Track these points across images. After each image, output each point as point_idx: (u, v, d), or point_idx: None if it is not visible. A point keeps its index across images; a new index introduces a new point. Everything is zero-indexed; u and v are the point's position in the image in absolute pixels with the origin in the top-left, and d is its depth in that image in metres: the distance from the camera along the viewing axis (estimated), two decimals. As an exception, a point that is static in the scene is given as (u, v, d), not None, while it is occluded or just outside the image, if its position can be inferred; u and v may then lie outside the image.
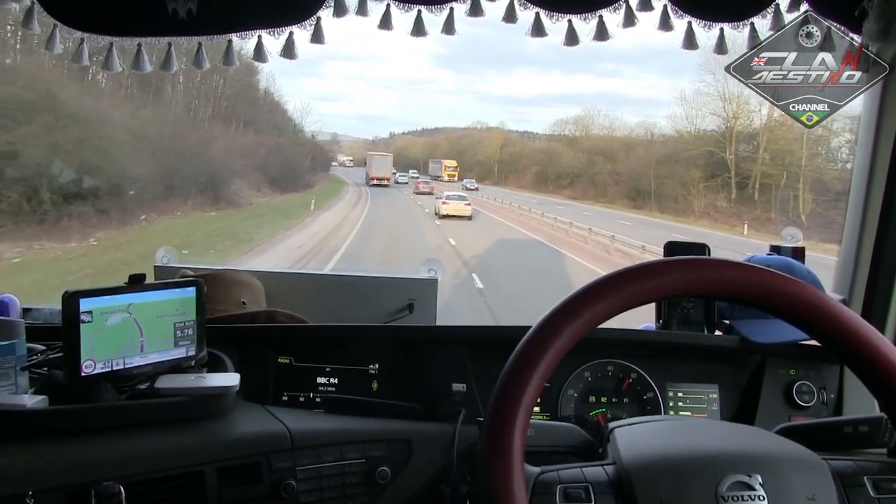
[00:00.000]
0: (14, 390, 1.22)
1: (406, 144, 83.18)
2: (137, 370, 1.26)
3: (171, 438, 1.18)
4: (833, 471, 0.87)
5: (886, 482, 0.88)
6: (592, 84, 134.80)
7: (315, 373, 1.51)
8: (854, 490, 0.86)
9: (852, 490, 0.86)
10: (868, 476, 0.88)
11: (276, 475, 1.21)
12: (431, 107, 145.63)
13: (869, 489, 0.87)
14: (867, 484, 0.87)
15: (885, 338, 0.87)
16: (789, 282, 0.87)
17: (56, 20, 1.48)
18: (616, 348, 1.56)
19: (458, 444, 1.28)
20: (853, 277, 1.65)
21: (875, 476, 0.88)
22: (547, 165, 51.09)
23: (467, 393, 1.38)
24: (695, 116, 34.78)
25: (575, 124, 55.64)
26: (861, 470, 0.89)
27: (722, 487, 0.83)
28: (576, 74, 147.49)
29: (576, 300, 0.85)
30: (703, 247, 1.71)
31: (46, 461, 1.09)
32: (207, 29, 1.49)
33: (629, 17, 1.53)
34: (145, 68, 1.56)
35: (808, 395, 1.54)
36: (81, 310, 1.17)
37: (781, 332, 1.40)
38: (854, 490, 0.86)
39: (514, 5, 1.52)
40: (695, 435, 0.97)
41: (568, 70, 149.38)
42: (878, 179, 1.58)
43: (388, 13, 1.52)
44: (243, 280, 1.77)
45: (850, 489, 0.86)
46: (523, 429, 0.83)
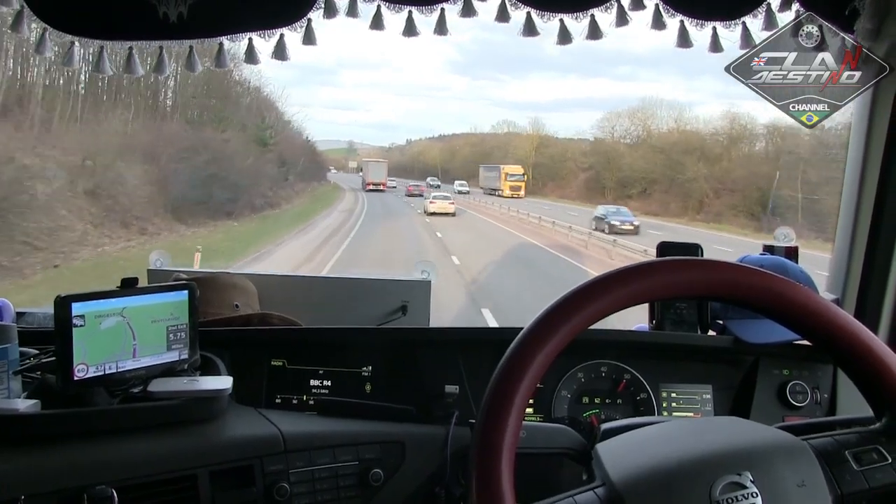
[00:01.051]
0: (7, 394, 1.22)
1: (422, 149, 77.47)
2: (130, 374, 1.25)
3: (164, 442, 1.18)
4: (815, 451, 0.87)
5: (866, 453, 0.88)
6: (610, 88, 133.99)
7: (308, 375, 1.51)
8: (838, 468, 0.87)
9: (837, 469, 0.87)
10: (849, 451, 0.88)
11: (269, 478, 1.21)
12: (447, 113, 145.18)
13: (851, 463, 0.87)
14: (849, 458, 0.87)
15: (878, 338, 0.87)
16: (781, 282, 0.87)
17: (46, 24, 1.48)
18: (609, 349, 1.56)
19: (452, 446, 1.28)
20: (846, 277, 1.65)
21: (854, 449, 0.88)
22: (603, 169, 41.51)
23: (460, 395, 1.38)
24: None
25: (630, 118, 45.85)
26: (840, 445, 0.89)
27: (715, 492, 0.83)
28: (593, 78, 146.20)
29: (568, 301, 0.85)
30: (696, 247, 1.72)
31: (39, 465, 1.09)
32: (198, 32, 1.48)
33: (621, 16, 1.53)
34: (137, 72, 1.56)
35: (802, 395, 1.55)
36: (74, 314, 1.17)
37: (775, 332, 1.40)
38: (838, 468, 0.87)
39: (506, 5, 1.52)
40: (680, 438, 0.96)
41: (585, 74, 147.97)
42: (870, 179, 1.58)
43: (378, 14, 1.52)
44: (236, 283, 1.77)
45: (835, 468, 0.86)
46: (515, 430, 0.83)
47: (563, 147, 51.56)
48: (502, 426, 0.82)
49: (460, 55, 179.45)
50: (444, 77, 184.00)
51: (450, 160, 62.33)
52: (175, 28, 1.45)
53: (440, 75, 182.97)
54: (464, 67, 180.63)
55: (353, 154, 67.73)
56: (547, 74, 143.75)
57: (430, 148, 76.90)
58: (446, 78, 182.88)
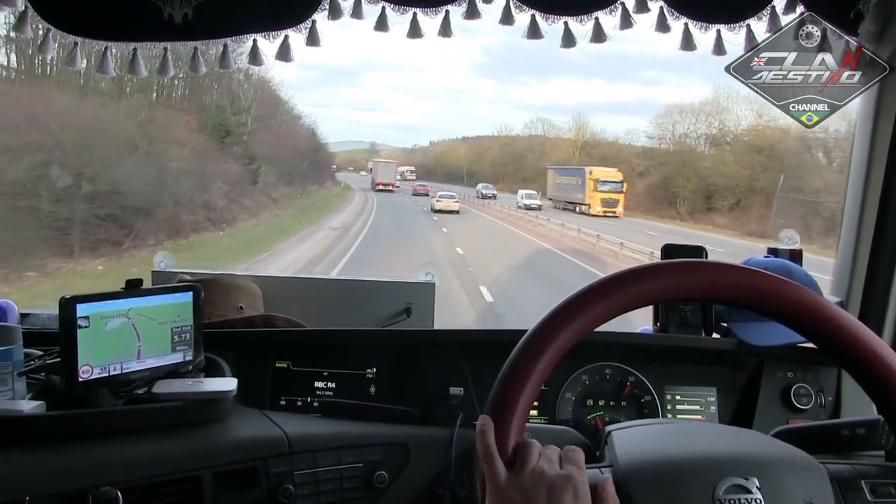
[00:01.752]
0: (11, 396, 1.22)
1: (445, 150, 71.77)
2: (135, 375, 1.25)
3: (169, 443, 1.18)
4: (830, 475, 0.87)
5: (884, 486, 0.88)
6: (636, 92, 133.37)
7: (313, 377, 1.51)
8: (851, 494, 0.86)
9: (849, 494, 0.86)
10: (865, 480, 0.88)
11: (273, 480, 1.21)
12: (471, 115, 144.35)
13: (866, 493, 0.87)
14: (864, 488, 0.87)
15: (883, 341, 0.87)
16: (786, 285, 0.87)
17: (50, 24, 1.48)
18: (614, 351, 1.56)
19: (456, 448, 1.28)
20: (850, 280, 1.65)
21: (872, 480, 0.88)
22: (674, 175, 32.38)
23: (465, 396, 1.38)
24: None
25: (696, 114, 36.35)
26: (858, 474, 0.89)
27: (719, 490, 0.83)
28: (618, 83, 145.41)
29: (572, 303, 0.85)
30: (700, 249, 1.71)
31: (44, 467, 1.09)
32: (203, 33, 1.49)
33: (626, 18, 1.53)
34: (141, 73, 1.56)
35: (806, 398, 1.54)
36: (78, 315, 1.17)
37: (779, 334, 1.40)
38: (851, 494, 0.86)
39: (511, 7, 1.52)
40: (692, 438, 0.97)
41: (610, 78, 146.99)
42: (875, 181, 1.58)
43: (383, 15, 1.52)
44: (241, 284, 1.77)
45: (848, 493, 0.86)
46: (519, 431, 0.83)
47: (617, 148, 43.10)
48: (507, 427, 0.82)
49: (485, 57, 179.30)
50: (468, 79, 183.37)
51: (476, 161, 57.40)
52: (180, 29, 1.45)
53: (464, 77, 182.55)
54: (488, 70, 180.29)
55: (374, 154, 67.21)
56: (571, 77, 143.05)
57: (454, 149, 71.65)
58: (471, 80, 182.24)
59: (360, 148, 69.44)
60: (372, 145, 76.99)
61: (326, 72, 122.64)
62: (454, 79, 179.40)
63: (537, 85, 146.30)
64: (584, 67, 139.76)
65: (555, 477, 0.78)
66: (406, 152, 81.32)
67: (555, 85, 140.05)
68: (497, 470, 0.80)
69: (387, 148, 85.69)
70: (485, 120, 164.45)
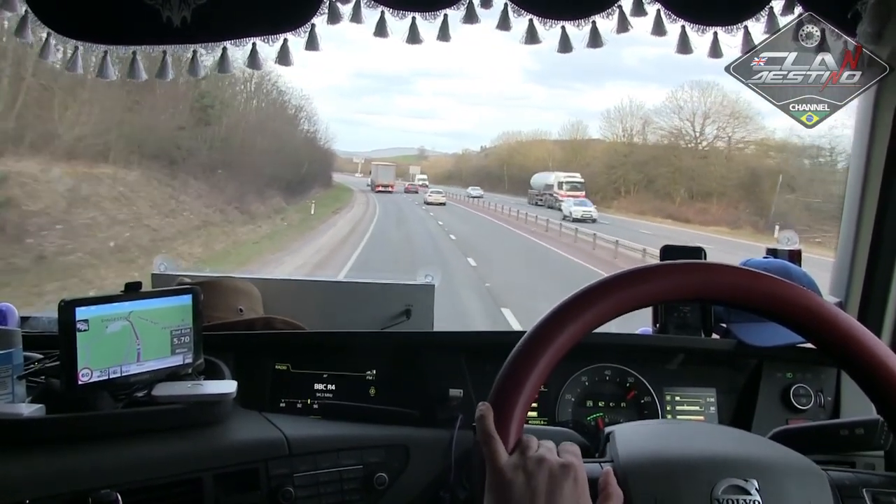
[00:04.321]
0: (11, 399, 1.22)
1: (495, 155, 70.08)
2: (134, 378, 1.26)
3: (169, 446, 1.18)
4: (832, 481, 0.87)
5: (886, 496, 0.87)
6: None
7: (312, 379, 1.51)
8: (852, 501, 0.86)
9: (850, 501, 0.86)
10: (867, 489, 0.88)
11: (273, 482, 1.21)
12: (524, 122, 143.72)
13: (867, 502, 0.86)
14: (866, 497, 0.87)
15: (881, 341, 0.87)
16: (785, 286, 0.87)
17: (50, 29, 1.48)
18: (613, 352, 1.56)
19: (456, 450, 1.28)
20: (849, 280, 1.65)
21: (874, 489, 0.88)
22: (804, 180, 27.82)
23: (464, 398, 1.38)
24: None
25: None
26: (861, 482, 0.89)
27: (717, 490, 0.84)
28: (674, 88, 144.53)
29: (572, 304, 0.85)
30: (699, 250, 1.71)
31: (44, 469, 1.09)
32: (202, 37, 1.49)
33: (622, 22, 1.54)
34: (140, 76, 1.57)
35: (806, 398, 1.54)
36: (78, 318, 1.17)
37: (778, 335, 1.40)
38: (852, 501, 0.86)
39: (508, 12, 1.52)
40: (693, 438, 0.97)
41: (665, 83, 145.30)
42: (874, 181, 1.58)
43: (382, 20, 1.52)
44: (240, 287, 1.77)
45: (848, 501, 0.86)
46: (518, 432, 0.83)
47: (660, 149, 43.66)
48: (507, 428, 0.82)
49: (538, 63, 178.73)
50: (522, 86, 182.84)
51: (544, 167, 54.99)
52: (178, 33, 1.46)
53: (518, 85, 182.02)
54: (541, 76, 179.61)
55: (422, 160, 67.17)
56: (626, 83, 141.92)
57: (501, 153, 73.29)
58: (525, 87, 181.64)
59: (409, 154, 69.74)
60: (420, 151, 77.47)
61: (381, 80, 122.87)
62: (507, 85, 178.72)
63: (591, 91, 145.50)
64: (639, 73, 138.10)
65: (555, 463, 0.80)
66: (457, 158, 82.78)
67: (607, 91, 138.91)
68: (497, 450, 0.81)
69: (435, 153, 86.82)
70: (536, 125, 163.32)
